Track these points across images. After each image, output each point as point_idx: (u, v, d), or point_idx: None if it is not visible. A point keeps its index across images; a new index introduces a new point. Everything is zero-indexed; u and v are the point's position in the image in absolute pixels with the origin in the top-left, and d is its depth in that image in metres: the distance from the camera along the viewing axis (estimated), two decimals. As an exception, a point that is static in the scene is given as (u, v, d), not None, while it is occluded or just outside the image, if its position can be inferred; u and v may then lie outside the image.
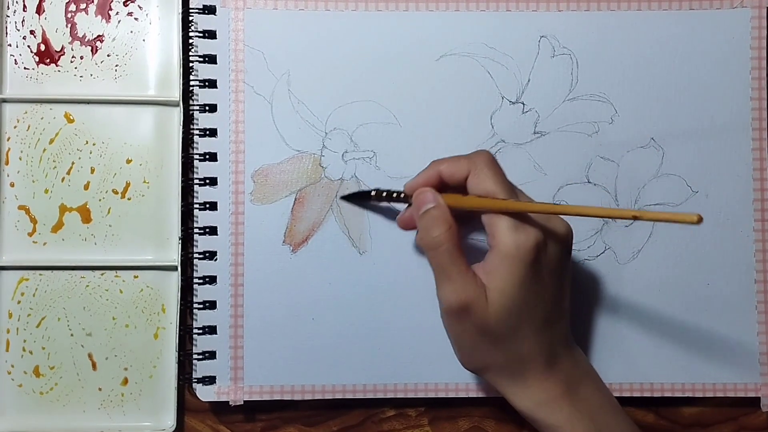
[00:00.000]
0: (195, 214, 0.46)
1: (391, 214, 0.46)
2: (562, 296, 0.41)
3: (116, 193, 0.46)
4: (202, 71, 0.46)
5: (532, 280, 0.38)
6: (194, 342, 0.46)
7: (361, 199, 0.45)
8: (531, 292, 0.38)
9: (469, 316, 0.38)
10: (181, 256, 0.46)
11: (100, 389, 0.46)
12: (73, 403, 0.46)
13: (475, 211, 0.39)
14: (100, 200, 0.46)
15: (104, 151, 0.46)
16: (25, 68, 0.46)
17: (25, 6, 0.46)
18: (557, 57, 0.46)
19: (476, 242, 0.45)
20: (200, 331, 0.45)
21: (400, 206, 0.45)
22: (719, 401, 0.47)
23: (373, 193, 0.44)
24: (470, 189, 0.40)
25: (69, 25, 0.46)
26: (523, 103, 0.46)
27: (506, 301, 0.38)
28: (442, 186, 0.41)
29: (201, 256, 0.45)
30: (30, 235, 0.46)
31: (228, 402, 0.45)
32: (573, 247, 0.41)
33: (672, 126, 0.46)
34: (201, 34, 0.46)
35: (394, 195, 0.43)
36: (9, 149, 0.46)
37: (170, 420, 0.45)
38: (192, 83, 0.46)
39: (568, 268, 0.41)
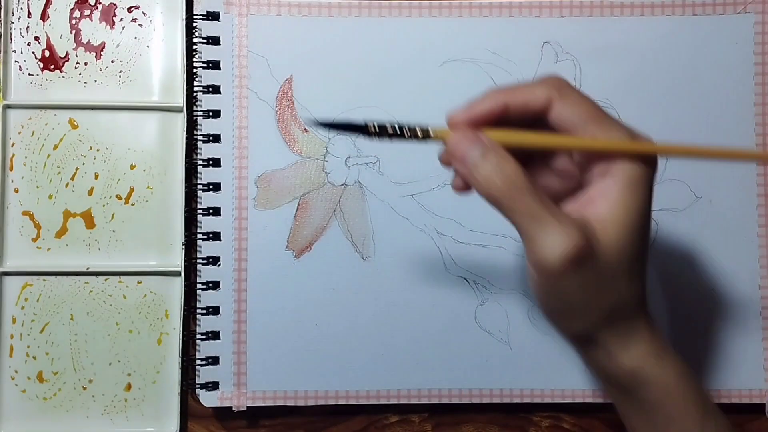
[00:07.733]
0: (198, 219, 0.46)
1: (393, 219, 0.46)
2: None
3: (120, 198, 0.46)
4: (206, 77, 0.46)
5: (649, 207, 0.32)
6: (197, 347, 0.46)
7: (349, 130, 0.33)
8: (647, 222, 0.32)
9: (586, 264, 0.30)
10: (185, 261, 0.46)
11: (103, 395, 0.46)
12: (76, 409, 0.46)
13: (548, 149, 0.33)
14: (103, 206, 0.46)
15: (108, 156, 0.46)
16: (29, 74, 0.46)
17: (29, 12, 0.46)
18: (560, 62, 0.46)
19: None
20: (203, 337, 0.45)
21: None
22: (724, 407, 0.47)
23: (373, 129, 0.32)
24: (557, 120, 0.32)
25: (73, 32, 0.47)
26: (527, 109, 0.46)
27: (629, 234, 0.31)
28: (500, 121, 0.32)
29: (204, 261, 0.45)
30: (34, 240, 0.46)
31: (231, 407, 0.45)
32: None
33: (675, 131, 0.46)
34: (205, 40, 0.46)
35: (405, 131, 0.33)
36: (13, 155, 0.46)
37: (173, 426, 0.45)
38: (195, 89, 0.46)
39: None
